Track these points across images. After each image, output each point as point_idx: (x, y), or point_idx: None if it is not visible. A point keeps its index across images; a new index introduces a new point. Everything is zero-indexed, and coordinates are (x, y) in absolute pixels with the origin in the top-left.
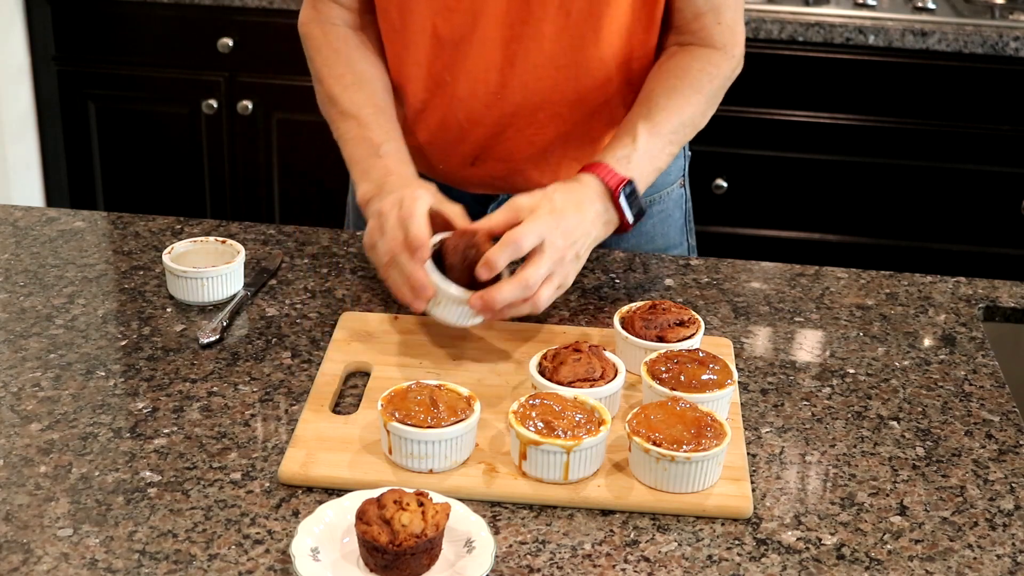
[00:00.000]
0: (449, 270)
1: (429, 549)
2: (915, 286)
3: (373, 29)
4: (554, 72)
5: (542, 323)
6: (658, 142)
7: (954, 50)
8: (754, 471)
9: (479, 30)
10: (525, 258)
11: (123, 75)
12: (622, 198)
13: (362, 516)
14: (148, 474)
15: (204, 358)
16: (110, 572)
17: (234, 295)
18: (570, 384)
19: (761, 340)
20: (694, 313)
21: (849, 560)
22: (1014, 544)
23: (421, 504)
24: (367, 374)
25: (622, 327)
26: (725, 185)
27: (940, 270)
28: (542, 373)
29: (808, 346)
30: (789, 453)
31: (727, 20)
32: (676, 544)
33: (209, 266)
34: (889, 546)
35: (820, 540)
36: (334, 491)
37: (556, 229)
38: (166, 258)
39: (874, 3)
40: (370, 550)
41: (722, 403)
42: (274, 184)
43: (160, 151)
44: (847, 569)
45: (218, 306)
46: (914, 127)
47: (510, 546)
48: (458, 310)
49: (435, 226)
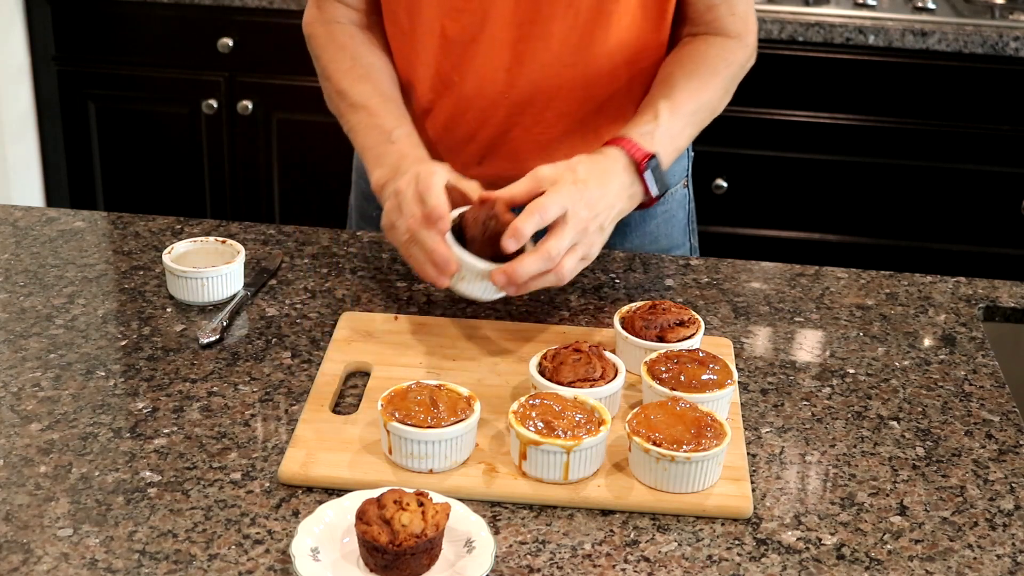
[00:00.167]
0: (470, 243)
1: (429, 549)
2: (915, 286)
3: (379, 28)
4: (562, 70)
5: (542, 323)
6: (678, 122)
7: (954, 50)
8: (754, 471)
9: (487, 30)
10: (547, 229)
11: (123, 75)
12: (648, 172)
13: (362, 516)
14: (148, 474)
15: (204, 358)
16: (110, 572)
17: (234, 295)
18: (570, 384)
19: (761, 340)
20: (694, 313)
21: (849, 560)
22: (1014, 544)
23: (421, 504)
24: (367, 374)
25: (622, 327)
26: (725, 185)
27: (940, 270)
28: (542, 373)
29: (808, 346)
30: (789, 453)
31: (740, 11)
32: (676, 544)
33: (209, 266)
34: (889, 546)
35: (820, 540)
36: (334, 491)
37: (580, 200)
38: (166, 258)
39: (874, 3)
40: (370, 550)
41: (722, 403)
42: (274, 184)
43: (160, 151)
44: (847, 569)
45: (218, 306)
46: (914, 127)
47: (510, 546)
48: (482, 284)
49: (452, 202)
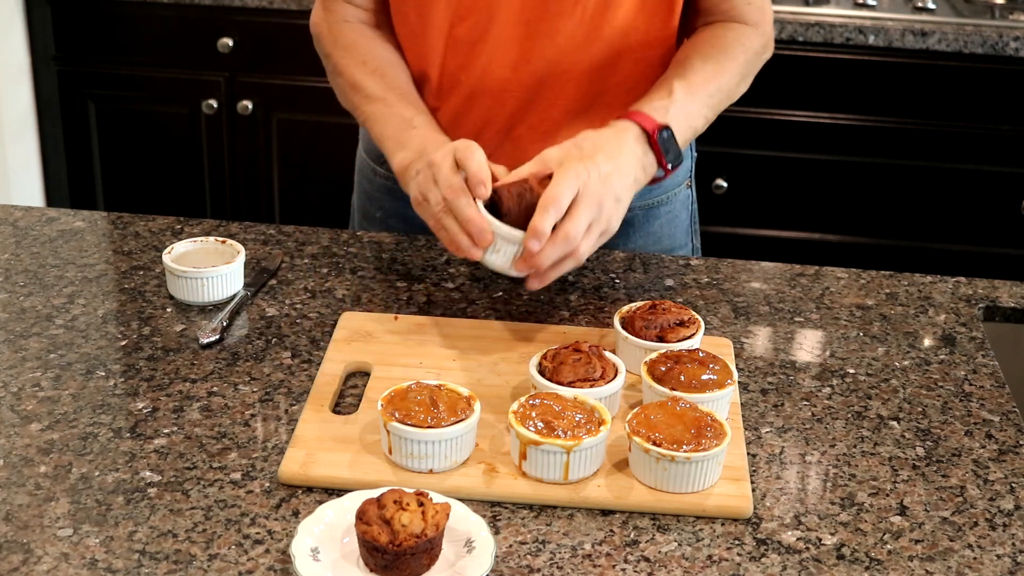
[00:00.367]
0: (504, 216)
1: (429, 549)
2: (915, 286)
3: (387, 27)
4: (569, 68)
5: (542, 323)
6: (694, 103)
7: (954, 50)
8: (754, 471)
9: (494, 29)
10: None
11: (123, 75)
12: (660, 142)
13: (362, 516)
14: (148, 474)
15: (204, 358)
16: (110, 572)
17: (234, 295)
18: (570, 384)
19: (761, 340)
20: (694, 313)
21: (849, 560)
22: (1014, 544)
23: (421, 504)
24: (367, 374)
25: (622, 327)
26: (725, 185)
27: (940, 270)
28: (542, 373)
29: (808, 346)
30: (789, 453)
31: (756, 0)
32: (676, 544)
33: (209, 266)
34: (889, 546)
35: (820, 540)
36: (334, 491)
37: (590, 174)
38: (166, 258)
39: (874, 3)
40: (370, 550)
41: (722, 403)
42: (274, 184)
43: (160, 151)
44: (847, 569)
45: (218, 306)
46: (914, 127)
47: (510, 546)
48: (514, 260)
49: None
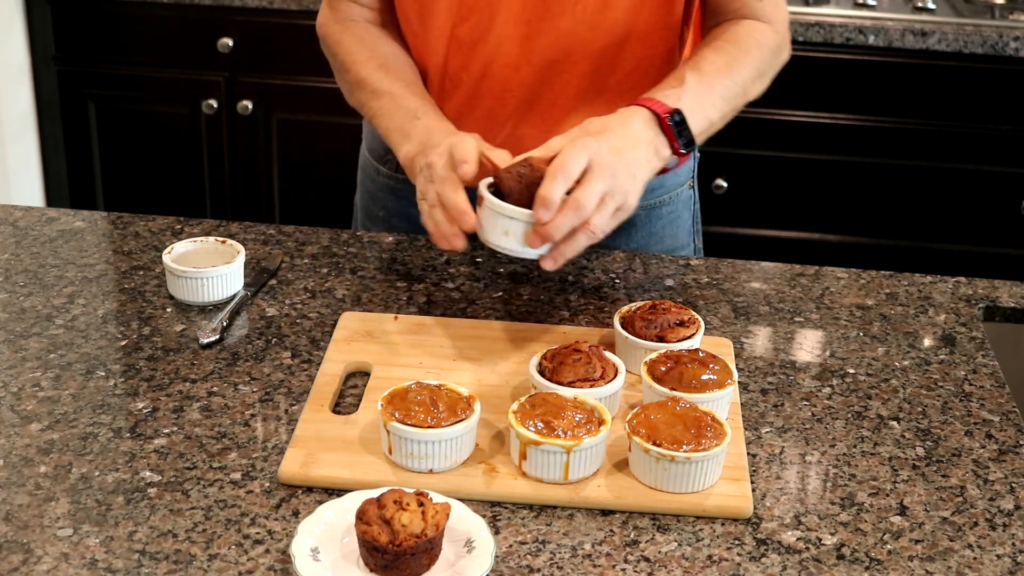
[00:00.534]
0: (507, 197)
1: (429, 549)
2: (915, 286)
3: (393, 26)
4: (570, 65)
5: (542, 323)
6: (707, 93)
7: (954, 50)
8: (754, 471)
9: (495, 29)
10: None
11: (123, 75)
12: (672, 125)
13: (362, 516)
14: (148, 474)
15: (204, 358)
16: (110, 572)
17: (234, 295)
18: (570, 384)
19: (761, 340)
20: (694, 313)
21: (849, 560)
22: (1014, 544)
23: (421, 504)
24: (367, 374)
25: (622, 327)
26: (725, 185)
27: (940, 270)
28: (542, 373)
29: (808, 346)
30: (789, 453)
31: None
32: (676, 544)
33: (209, 266)
34: (889, 546)
35: (820, 540)
36: (334, 491)
37: (601, 147)
38: (166, 258)
39: (874, 3)
40: (370, 550)
41: (722, 403)
42: (274, 184)
43: (160, 151)
44: (847, 569)
45: (218, 306)
46: (914, 127)
47: (510, 546)
48: (525, 237)
49: (483, 172)
